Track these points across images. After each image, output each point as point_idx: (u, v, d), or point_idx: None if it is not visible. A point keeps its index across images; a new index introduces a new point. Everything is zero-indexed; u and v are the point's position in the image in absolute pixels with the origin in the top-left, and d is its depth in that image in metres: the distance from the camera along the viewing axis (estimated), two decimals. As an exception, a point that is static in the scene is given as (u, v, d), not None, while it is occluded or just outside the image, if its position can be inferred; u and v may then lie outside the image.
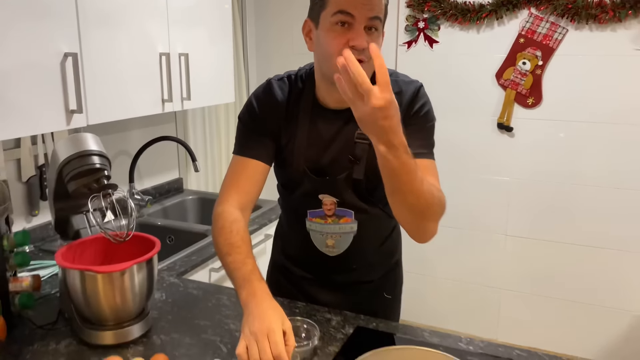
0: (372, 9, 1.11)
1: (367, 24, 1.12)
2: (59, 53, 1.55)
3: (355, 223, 1.36)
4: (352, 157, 1.28)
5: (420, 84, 1.31)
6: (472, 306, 2.99)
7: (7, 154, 1.85)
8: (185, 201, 2.60)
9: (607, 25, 2.44)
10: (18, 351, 1.24)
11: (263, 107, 1.32)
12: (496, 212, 2.86)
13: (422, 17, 2.77)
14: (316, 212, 1.35)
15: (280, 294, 1.51)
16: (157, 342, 1.29)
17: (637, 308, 2.65)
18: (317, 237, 1.39)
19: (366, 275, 1.48)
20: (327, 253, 1.40)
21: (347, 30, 1.12)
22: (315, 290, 1.49)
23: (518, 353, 1.23)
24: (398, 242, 1.58)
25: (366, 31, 1.13)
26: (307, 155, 1.30)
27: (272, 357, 0.98)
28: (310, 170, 1.31)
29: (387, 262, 1.53)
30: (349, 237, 1.37)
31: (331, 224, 1.36)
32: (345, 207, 1.34)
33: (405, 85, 1.28)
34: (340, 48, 1.09)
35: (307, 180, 1.32)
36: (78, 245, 1.35)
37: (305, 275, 1.49)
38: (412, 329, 1.36)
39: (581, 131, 2.60)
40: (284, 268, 1.54)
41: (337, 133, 1.29)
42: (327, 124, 1.29)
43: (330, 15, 1.13)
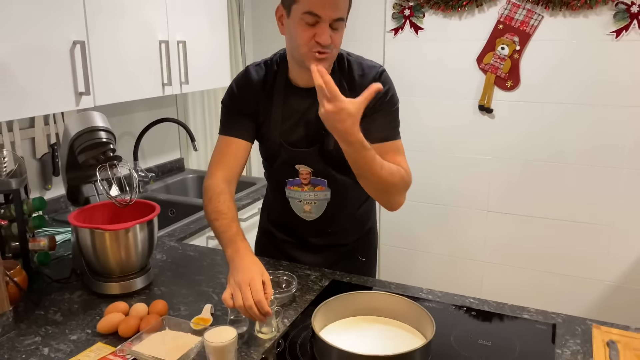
0: (336, 10, 1.28)
1: (332, 22, 1.29)
2: (68, 41, 1.73)
3: (328, 191, 1.53)
4: (323, 130, 1.45)
5: (383, 69, 1.47)
6: (456, 279, 3.15)
7: (22, 133, 2.03)
8: (186, 179, 2.78)
9: (579, 11, 2.58)
10: (38, 300, 1.44)
11: (241, 90, 1.50)
12: (478, 189, 3.00)
13: (407, 5, 2.91)
14: (294, 180, 1.53)
15: (266, 256, 1.71)
16: (158, 292, 1.48)
17: (609, 277, 2.81)
18: (295, 203, 1.57)
19: (341, 238, 1.65)
20: (305, 218, 1.58)
21: (313, 27, 1.29)
22: (296, 252, 1.67)
23: (471, 301, 1.42)
24: (372, 211, 1.74)
25: (331, 28, 1.30)
26: (282, 129, 1.48)
27: (253, 302, 1.16)
28: (286, 142, 1.48)
29: (360, 228, 1.70)
30: (324, 203, 1.55)
31: (307, 191, 1.53)
32: (319, 177, 1.51)
33: (369, 69, 1.45)
34: (307, 41, 1.30)
35: (283, 152, 1.49)
36: (88, 209, 1.54)
37: (287, 239, 1.68)
38: (381, 282, 1.55)
39: (557, 112, 2.74)
40: (269, 233, 1.73)
41: (308, 109, 1.45)
42: (299, 100, 1.46)
43: (300, 12, 1.29)
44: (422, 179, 3.07)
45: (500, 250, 3.03)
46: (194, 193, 2.80)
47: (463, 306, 1.38)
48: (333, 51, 1.34)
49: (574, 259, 2.87)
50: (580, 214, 2.81)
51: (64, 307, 1.40)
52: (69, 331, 1.28)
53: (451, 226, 3.11)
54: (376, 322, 1.25)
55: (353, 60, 1.47)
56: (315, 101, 1.46)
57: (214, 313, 1.34)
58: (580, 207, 2.80)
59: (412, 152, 3.11)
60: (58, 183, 2.20)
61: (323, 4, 1.26)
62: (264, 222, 1.77)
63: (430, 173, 3.07)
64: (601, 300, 2.86)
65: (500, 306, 1.38)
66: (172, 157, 2.87)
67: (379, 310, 1.27)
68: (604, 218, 2.76)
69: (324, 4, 1.26)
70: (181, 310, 1.37)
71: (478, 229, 3.05)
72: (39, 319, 1.34)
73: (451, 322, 1.30)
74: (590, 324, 1.27)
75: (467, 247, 3.10)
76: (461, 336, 1.23)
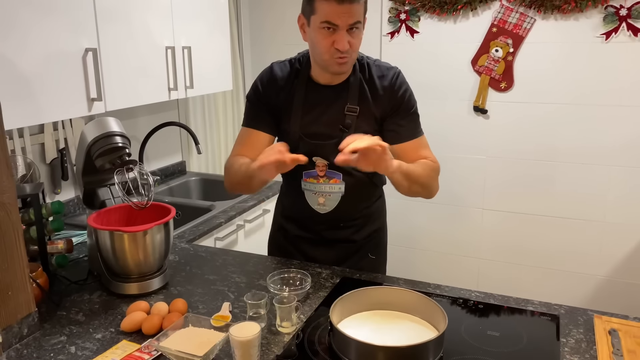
0: (352, 17, 1.37)
1: (349, 28, 1.39)
2: (80, 48, 1.77)
3: (342, 184, 1.61)
4: (342, 126, 1.54)
5: (399, 71, 1.58)
6: (453, 276, 3.22)
7: (32, 138, 2.07)
8: (188, 182, 2.83)
9: (570, 15, 2.66)
10: (59, 301, 1.48)
11: (265, 86, 1.60)
12: (473, 188, 3.08)
13: (403, 9, 2.98)
14: (310, 172, 1.61)
15: (280, 253, 1.77)
16: (175, 292, 1.53)
17: (601, 272, 2.90)
18: (310, 195, 1.64)
19: (353, 234, 1.72)
20: (319, 210, 1.65)
21: (332, 33, 1.39)
22: (308, 247, 1.73)
23: (477, 295, 1.48)
24: (382, 211, 1.82)
25: (349, 32, 1.39)
26: (302, 123, 1.56)
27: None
28: (305, 135, 1.56)
29: (371, 225, 1.76)
30: (337, 196, 1.62)
31: (322, 183, 1.61)
32: (335, 170, 1.59)
33: (387, 70, 1.57)
34: (327, 48, 1.41)
35: (302, 144, 1.57)
36: (105, 212, 1.58)
37: (300, 234, 1.74)
38: (390, 278, 1.61)
39: (550, 112, 2.82)
40: (283, 229, 1.79)
41: (328, 105, 1.55)
42: (319, 96, 1.55)
43: (319, 22, 1.39)
44: (419, 178, 3.13)
45: (495, 247, 3.11)
46: (197, 195, 2.84)
47: (470, 300, 1.44)
48: (352, 55, 1.44)
49: (567, 254, 2.95)
50: (572, 210, 2.90)
51: (84, 307, 1.45)
52: (92, 330, 1.33)
53: (447, 224, 3.19)
54: (390, 316, 1.31)
55: (372, 63, 1.58)
56: (335, 98, 1.54)
57: (232, 310, 1.39)
58: (573, 204, 2.89)
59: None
60: (67, 187, 2.24)
61: (338, 13, 1.35)
62: (278, 217, 1.83)
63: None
64: (594, 294, 2.94)
65: (506, 299, 1.45)
66: (175, 160, 2.91)
67: (392, 304, 1.33)
68: (595, 214, 2.85)
69: (339, 13, 1.35)
70: (199, 309, 1.42)
71: (474, 226, 3.13)
72: (62, 319, 1.38)
73: (460, 314, 1.37)
74: (592, 314, 1.34)
75: (463, 244, 3.18)
76: (471, 328, 1.30)
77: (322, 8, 1.37)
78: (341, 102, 1.54)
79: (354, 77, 1.54)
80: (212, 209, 2.33)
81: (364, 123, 1.54)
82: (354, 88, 1.53)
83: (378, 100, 1.54)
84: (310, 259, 1.71)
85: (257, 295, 1.33)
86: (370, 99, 1.53)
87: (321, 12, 1.37)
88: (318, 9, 1.38)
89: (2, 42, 1.53)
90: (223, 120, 3.18)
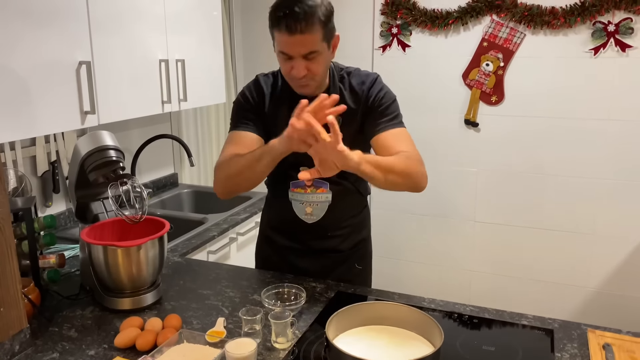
0: (304, 47, 1.39)
1: (305, 56, 1.41)
2: (74, 62, 1.77)
3: (330, 193, 1.62)
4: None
5: (377, 75, 1.61)
6: (445, 288, 3.23)
7: (23, 151, 2.05)
8: (180, 194, 2.82)
9: (559, 30, 2.71)
10: (51, 316, 1.46)
11: (252, 94, 1.61)
12: (465, 200, 3.10)
13: (395, 24, 3.01)
14: (297, 182, 1.61)
15: (266, 264, 1.77)
16: (168, 307, 1.52)
17: (591, 284, 2.93)
18: (297, 205, 1.64)
19: (339, 244, 1.72)
20: (306, 220, 1.65)
21: (289, 60, 1.43)
22: (295, 257, 1.73)
23: (471, 309, 1.49)
24: (367, 221, 1.83)
25: (306, 59, 1.41)
26: None
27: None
28: None
29: (356, 235, 1.77)
30: (325, 205, 1.63)
31: (310, 193, 1.62)
32: (321, 179, 1.59)
33: (365, 76, 1.59)
34: (287, 73, 1.46)
35: (290, 155, 1.52)
36: (98, 226, 1.57)
37: (287, 244, 1.74)
38: (384, 292, 1.61)
39: (539, 126, 2.86)
40: (270, 240, 1.79)
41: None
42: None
43: (277, 50, 1.44)
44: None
45: (487, 259, 3.13)
46: (189, 208, 2.83)
47: (464, 314, 1.45)
48: (315, 77, 1.46)
49: (557, 266, 2.97)
50: (562, 223, 2.93)
51: (77, 323, 1.43)
52: (85, 347, 1.31)
53: (439, 236, 3.20)
54: (385, 331, 1.31)
55: (352, 72, 1.60)
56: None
57: (227, 326, 1.38)
58: (563, 217, 2.92)
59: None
60: (58, 200, 2.22)
61: (290, 44, 1.39)
62: (265, 228, 1.83)
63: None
64: (585, 306, 2.97)
65: (500, 313, 1.45)
66: (167, 172, 2.90)
67: (388, 319, 1.32)
68: (585, 227, 2.88)
69: (291, 44, 1.39)
70: (194, 324, 1.41)
71: (465, 238, 3.15)
72: (54, 336, 1.37)
73: (455, 329, 1.37)
74: (585, 328, 1.35)
75: (455, 256, 3.19)
76: (466, 342, 1.30)
77: (277, 38, 1.41)
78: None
79: (334, 88, 1.56)
80: (205, 221, 2.33)
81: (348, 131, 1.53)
82: None
83: (359, 106, 1.56)
84: (297, 269, 1.72)
85: (252, 310, 1.32)
86: (353, 106, 1.55)
87: (277, 41, 1.42)
88: (275, 38, 1.42)
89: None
90: (215, 133, 3.18)
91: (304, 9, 1.35)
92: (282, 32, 1.37)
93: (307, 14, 1.35)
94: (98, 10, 1.83)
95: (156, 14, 2.13)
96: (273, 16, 1.39)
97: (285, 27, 1.35)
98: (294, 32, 1.35)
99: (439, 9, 2.89)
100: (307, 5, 1.35)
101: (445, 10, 2.87)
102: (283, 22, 1.35)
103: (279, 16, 1.36)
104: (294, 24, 1.34)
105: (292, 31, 1.35)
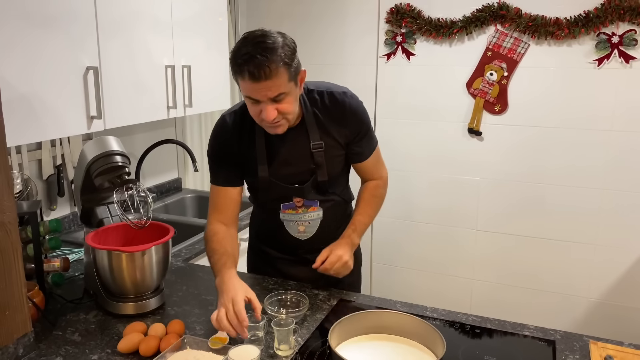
0: (271, 91, 1.32)
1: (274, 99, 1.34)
2: (82, 67, 1.78)
3: (320, 210, 1.63)
4: (314, 165, 1.55)
5: (351, 93, 1.57)
6: (446, 296, 3.23)
7: (29, 155, 2.06)
8: (184, 199, 2.83)
9: (563, 41, 2.72)
10: (54, 320, 1.47)
11: (220, 139, 1.58)
12: (467, 209, 3.10)
13: (399, 32, 3.02)
14: (288, 204, 1.62)
15: (258, 272, 1.79)
16: (172, 312, 1.53)
17: (592, 295, 2.92)
18: (290, 225, 1.65)
19: None
20: (299, 237, 1.66)
21: (258, 104, 1.37)
22: (287, 267, 1.74)
23: (473, 319, 1.49)
24: None
25: (275, 101, 1.35)
26: (271, 169, 1.55)
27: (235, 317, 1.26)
28: (277, 179, 1.56)
29: None
30: (317, 222, 1.64)
31: (301, 213, 1.62)
32: (311, 199, 1.61)
33: (340, 95, 1.55)
34: (256, 116, 1.41)
35: (275, 189, 1.57)
36: (103, 231, 1.58)
37: (278, 255, 1.75)
38: (387, 300, 1.62)
39: (543, 135, 2.86)
40: (260, 251, 1.79)
41: (292, 147, 1.54)
42: (281, 140, 1.53)
43: (243, 94, 1.39)
44: (413, 199, 3.16)
45: (488, 268, 3.12)
46: (192, 213, 2.84)
47: (466, 324, 1.45)
48: (287, 116, 1.41)
49: (559, 276, 2.96)
50: (564, 233, 2.92)
51: (80, 327, 1.44)
52: (89, 351, 1.32)
53: (441, 245, 3.20)
54: (388, 340, 1.32)
55: (324, 92, 1.55)
56: (297, 138, 1.53)
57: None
58: (564, 227, 2.91)
59: (403, 172, 3.23)
60: (63, 203, 2.23)
61: (256, 90, 1.33)
62: (253, 240, 1.83)
63: (420, 193, 3.16)
64: (586, 317, 2.96)
65: (502, 323, 1.45)
66: (170, 177, 2.91)
67: (390, 328, 1.33)
68: (587, 237, 2.88)
69: (256, 90, 1.33)
70: (197, 330, 1.42)
71: (467, 247, 3.14)
72: (57, 339, 1.37)
73: (457, 339, 1.37)
74: (587, 340, 1.36)
75: (457, 265, 3.19)
76: (468, 352, 1.30)
77: (241, 84, 1.35)
78: (304, 141, 1.53)
79: (307, 113, 1.52)
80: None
81: (332, 154, 1.56)
82: (311, 125, 1.52)
83: (338, 127, 1.54)
84: (289, 277, 1.73)
85: (255, 317, 1.33)
86: (330, 128, 1.53)
87: (242, 87, 1.36)
88: (240, 83, 1.36)
89: (4, 60, 1.53)
90: (219, 138, 3.19)
91: (266, 55, 1.28)
92: (246, 80, 1.31)
93: (269, 60, 1.28)
94: (106, 16, 1.85)
95: (163, 20, 2.14)
96: (234, 63, 1.32)
97: (249, 76, 1.29)
98: (259, 80, 1.29)
99: (443, 18, 2.90)
100: (269, 50, 1.28)
101: (450, 19, 2.89)
102: (245, 70, 1.29)
103: (239, 63, 1.30)
104: (257, 72, 1.28)
105: (257, 79, 1.29)
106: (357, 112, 1.56)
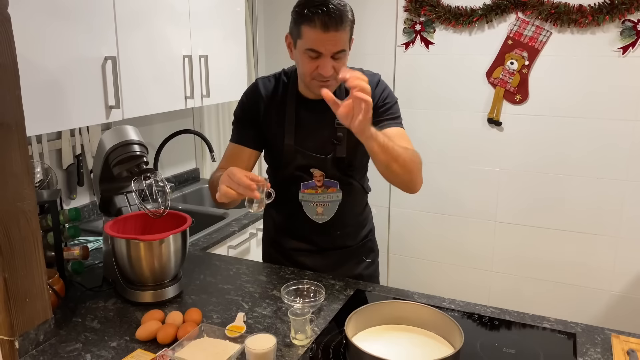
0: (336, 45, 1.39)
1: (333, 56, 1.40)
2: (100, 56, 1.79)
3: (340, 192, 1.63)
4: (335, 140, 1.57)
5: (380, 76, 1.61)
6: (464, 288, 3.21)
7: (49, 144, 2.09)
8: (202, 189, 2.84)
9: (586, 28, 2.65)
10: (74, 307, 1.49)
11: (250, 102, 1.62)
12: (486, 200, 3.06)
13: (418, 21, 2.99)
14: (308, 183, 1.62)
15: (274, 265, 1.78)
16: (189, 301, 1.54)
17: (615, 288, 2.87)
18: (308, 206, 1.65)
19: (347, 240, 1.74)
20: (317, 220, 1.66)
21: (316, 59, 1.41)
22: (304, 258, 1.74)
23: (492, 310, 1.47)
24: (369, 217, 1.85)
25: (333, 59, 1.41)
26: (297, 138, 1.58)
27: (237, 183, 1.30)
28: (301, 148, 1.58)
29: (361, 231, 1.78)
30: (335, 204, 1.64)
31: (320, 193, 1.63)
32: (331, 179, 1.61)
33: (370, 77, 1.52)
34: (311, 72, 1.44)
35: (300, 157, 1.58)
36: (122, 219, 1.59)
37: (295, 246, 1.74)
38: (404, 291, 1.61)
39: (564, 125, 2.81)
40: (276, 243, 1.79)
41: (319, 120, 1.56)
42: (310, 112, 1.57)
43: (304, 47, 1.41)
44: (432, 189, 3.13)
45: (507, 260, 3.09)
46: (210, 202, 2.85)
47: (485, 315, 1.43)
48: (337, 78, 1.42)
49: (580, 269, 2.92)
50: (586, 225, 2.87)
51: (99, 314, 1.45)
52: (107, 338, 1.33)
53: (460, 236, 3.17)
54: (405, 331, 1.30)
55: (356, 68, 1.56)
56: (325, 112, 1.50)
57: (246, 321, 1.39)
58: (586, 218, 2.86)
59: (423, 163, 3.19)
60: (82, 192, 2.26)
61: (323, 41, 1.38)
62: (270, 232, 1.82)
63: (439, 184, 3.14)
64: (608, 310, 2.91)
65: (521, 315, 1.43)
66: (188, 167, 2.92)
67: (408, 319, 1.32)
68: (609, 229, 2.83)
69: (324, 41, 1.38)
70: (214, 318, 1.42)
71: (486, 239, 3.11)
72: (77, 326, 1.39)
73: (475, 330, 1.36)
74: (609, 333, 1.33)
75: (475, 256, 3.16)
76: (486, 344, 1.29)
77: (307, 35, 1.39)
78: (331, 116, 1.52)
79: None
80: (226, 216, 2.34)
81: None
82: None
83: None
84: (305, 268, 1.73)
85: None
86: None
87: (307, 39, 1.39)
88: (304, 35, 1.40)
89: (26, 50, 1.54)
90: (237, 128, 3.19)
91: (338, 7, 1.36)
92: (316, 29, 1.36)
93: (341, 12, 1.36)
94: (124, 7, 1.86)
95: (180, 10, 2.15)
96: (302, 13, 1.38)
97: (321, 24, 1.35)
98: (329, 30, 1.35)
99: (463, 6, 2.86)
100: (341, 5, 1.38)
101: (470, 7, 2.84)
102: (318, 19, 1.35)
103: (312, 12, 1.36)
104: (329, 21, 1.35)
105: (327, 28, 1.35)
106: (384, 91, 1.58)
